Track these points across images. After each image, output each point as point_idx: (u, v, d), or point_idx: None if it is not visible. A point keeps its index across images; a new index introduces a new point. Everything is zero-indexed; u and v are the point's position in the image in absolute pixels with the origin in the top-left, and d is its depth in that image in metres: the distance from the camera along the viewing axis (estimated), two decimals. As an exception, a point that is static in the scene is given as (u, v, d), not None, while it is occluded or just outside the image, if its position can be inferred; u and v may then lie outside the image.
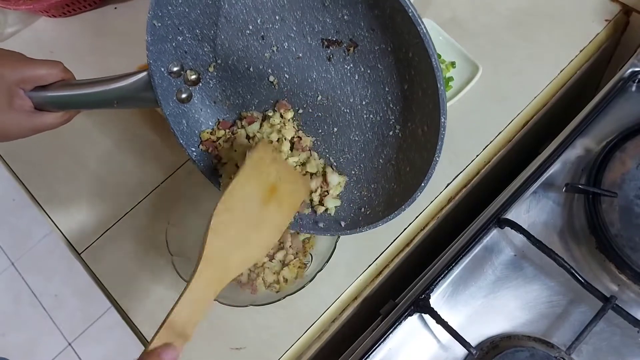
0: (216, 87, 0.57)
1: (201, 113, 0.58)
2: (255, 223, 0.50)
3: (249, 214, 0.50)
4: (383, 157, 0.54)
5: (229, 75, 0.56)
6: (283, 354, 0.62)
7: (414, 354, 0.58)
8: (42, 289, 1.68)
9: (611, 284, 0.58)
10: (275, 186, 0.52)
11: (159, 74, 0.52)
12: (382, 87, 0.50)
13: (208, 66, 0.55)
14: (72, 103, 0.54)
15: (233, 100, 0.58)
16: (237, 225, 0.49)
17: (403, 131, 0.51)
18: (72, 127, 0.79)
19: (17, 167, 0.78)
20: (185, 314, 0.44)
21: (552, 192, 0.63)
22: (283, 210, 0.53)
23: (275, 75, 0.55)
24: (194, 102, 0.57)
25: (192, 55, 0.54)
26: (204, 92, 0.57)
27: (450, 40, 0.74)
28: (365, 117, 0.53)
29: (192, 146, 0.57)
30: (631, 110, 0.65)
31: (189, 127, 0.57)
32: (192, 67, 0.55)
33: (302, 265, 0.63)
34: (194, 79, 0.55)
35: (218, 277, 0.47)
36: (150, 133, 0.76)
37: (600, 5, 0.74)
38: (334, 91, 0.53)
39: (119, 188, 0.74)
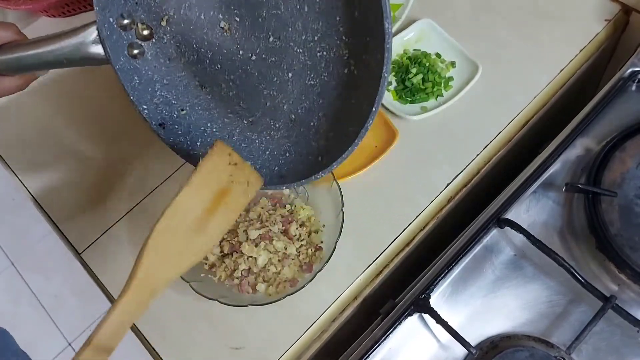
0: (170, 42, 0.55)
1: (155, 70, 0.55)
2: (196, 229, 0.47)
3: (190, 224, 0.47)
4: (341, 100, 0.52)
5: (182, 29, 0.54)
6: (283, 353, 0.62)
7: (414, 354, 0.58)
8: (42, 289, 1.68)
9: (611, 283, 0.58)
10: (226, 190, 0.49)
11: (108, 25, 0.49)
12: (333, 17, 0.48)
13: (161, 20, 0.54)
14: (24, 64, 0.53)
15: (188, 56, 0.56)
16: (176, 240, 0.46)
17: (358, 66, 0.49)
18: (72, 127, 0.79)
19: (17, 167, 0.78)
20: (110, 331, 0.42)
21: (552, 191, 0.63)
22: (229, 212, 0.50)
23: (226, 20, 0.53)
24: (147, 58, 0.55)
25: (143, 8, 0.52)
26: (158, 49, 0.55)
27: (450, 40, 0.74)
28: (319, 56, 0.51)
29: (143, 104, 0.55)
30: (631, 109, 0.65)
31: (142, 84, 0.54)
32: (144, 20, 0.53)
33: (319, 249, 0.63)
34: (146, 34, 0.53)
35: (149, 294, 0.45)
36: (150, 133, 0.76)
37: (600, 5, 0.74)
38: (285, 29, 0.51)
39: (119, 188, 0.74)
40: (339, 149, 0.51)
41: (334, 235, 0.61)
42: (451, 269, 0.60)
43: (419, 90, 0.72)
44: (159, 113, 0.56)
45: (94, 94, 0.81)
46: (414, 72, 0.72)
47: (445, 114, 0.70)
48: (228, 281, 0.63)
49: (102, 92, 0.80)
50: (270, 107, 0.56)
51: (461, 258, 0.60)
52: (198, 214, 0.47)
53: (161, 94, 0.56)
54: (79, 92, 0.81)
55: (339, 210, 0.62)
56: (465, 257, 0.60)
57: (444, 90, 0.72)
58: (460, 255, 0.60)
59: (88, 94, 0.81)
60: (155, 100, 0.55)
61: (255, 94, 0.56)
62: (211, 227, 0.48)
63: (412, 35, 0.76)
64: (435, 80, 0.72)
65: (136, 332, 0.65)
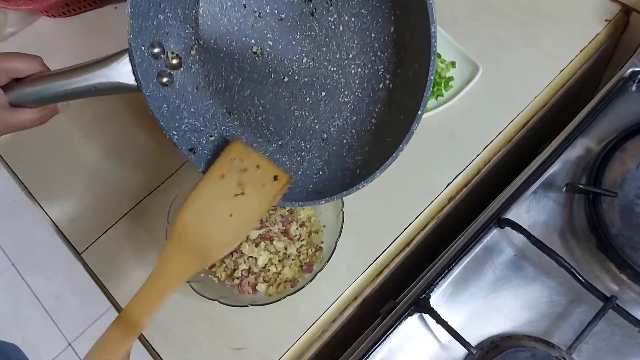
0: (198, 72, 0.55)
1: (182, 99, 0.56)
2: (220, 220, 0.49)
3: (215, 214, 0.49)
4: (375, 115, 0.52)
5: (211, 57, 0.55)
6: (283, 354, 0.62)
7: (414, 354, 0.58)
8: (43, 289, 1.68)
9: (611, 283, 0.58)
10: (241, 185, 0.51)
11: (139, 52, 0.50)
12: (368, 34, 0.48)
13: (190, 49, 0.54)
14: (48, 96, 0.52)
15: (216, 85, 0.56)
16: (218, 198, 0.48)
17: (393, 80, 0.49)
18: (72, 128, 0.79)
19: (17, 168, 0.78)
20: (146, 299, 0.45)
21: (552, 192, 0.63)
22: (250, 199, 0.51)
23: (259, 44, 0.53)
24: (175, 87, 0.55)
25: (174, 38, 0.52)
26: (186, 78, 0.55)
27: (450, 40, 0.74)
28: (353, 73, 0.51)
29: (172, 130, 0.55)
30: (631, 110, 0.65)
31: (170, 112, 0.55)
32: (173, 50, 0.53)
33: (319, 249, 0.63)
34: (175, 63, 0.53)
35: (189, 262, 0.46)
36: (150, 133, 0.76)
37: (600, 5, 0.74)
38: (319, 49, 0.51)
39: (119, 188, 0.74)
40: (379, 160, 0.51)
41: (334, 235, 0.61)
42: (451, 269, 0.60)
43: (419, 90, 0.72)
44: (187, 139, 0.56)
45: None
46: (414, 72, 0.72)
47: (445, 114, 0.70)
48: (228, 281, 0.63)
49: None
50: (300, 128, 0.56)
51: (461, 258, 0.60)
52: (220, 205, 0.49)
53: (189, 121, 0.56)
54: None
55: (339, 210, 0.62)
56: (465, 257, 0.60)
57: (444, 90, 0.72)
58: (461, 255, 0.60)
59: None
60: (184, 127, 0.56)
61: (285, 116, 0.56)
62: (237, 214, 0.49)
63: (412, 36, 0.76)
64: (435, 80, 0.72)
65: (136, 333, 0.65)
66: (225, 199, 0.49)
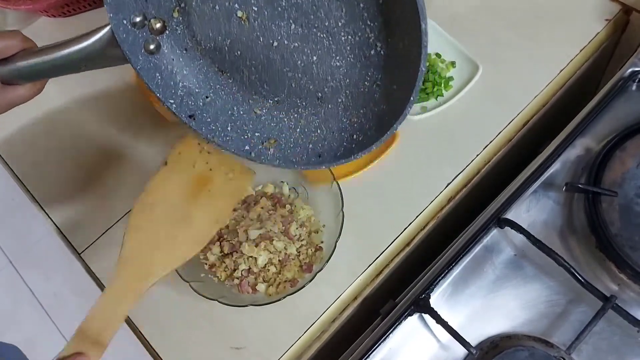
0: (184, 33, 0.56)
1: (174, 63, 0.56)
2: (182, 218, 0.48)
3: (173, 210, 0.48)
4: (368, 79, 0.52)
5: (195, 19, 0.55)
6: (283, 354, 0.62)
7: (414, 354, 0.58)
8: (42, 289, 1.68)
9: (611, 283, 0.58)
10: (205, 177, 0.50)
11: (122, 28, 0.50)
12: (357, 4, 0.48)
13: (172, 11, 0.54)
14: (38, 72, 0.52)
15: (205, 45, 0.56)
16: (159, 223, 0.47)
17: (385, 48, 0.50)
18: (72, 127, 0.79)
19: (17, 167, 0.78)
20: (100, 320, 0.42)
21: (552, 191, 0.63)
22: (218, 202, 0.50)
23: (243, 9, 0.53)
24: (164, 52, 0.56)
25: (153, 3, 0.53)
26: (173, 40, 0.56)
27: (450, 40, 0.74)
28: (344, 40, 0.51)
29: (169, 98, 0.55)
30: (631, 109, 0.65)
31: (164, 79, 0.55)
32: (155, 15, 0.53)
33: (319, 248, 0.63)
34: (159, 27, 0.54)
35: (139, 279, 0.44)
36: (150, 132, 0.76)
37: (600, 5, 0.74)
38: (306, 17, 0.51)
39: (119, 188, 0.74)
40: (374, 128, 0.52)
41: (334, 235, 0.61)
42: (451, 269, 0.59)
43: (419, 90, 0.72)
44: (185, 105, 0.56)
45: (94, 95, 0.81)
46: (414, 72, 0.72)
47: (445, 114, 0.70)
48: (228, 281, 0.63)
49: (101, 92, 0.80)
50: (295, 88, 0.56)
51: (461, 258, 0.60)
52: (178, 201, 0.48)
53: (183, 84, 0.56)
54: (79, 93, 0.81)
55: (339, 210, 0.62)
56: (465, 257, 0.60)
57: (444, 90, 0.72)
58: (460, 255, 0.60)
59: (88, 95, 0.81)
60: (179, 92, 0.56)
61: (279, 77, 0.56)
62: (198, 216, 0.48)
63: (412, 35, 0.76)
64: (435, 80, 0.72)
65: (136, 332, 0.65)
66: (178, 204, 0.48)
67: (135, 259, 0.44)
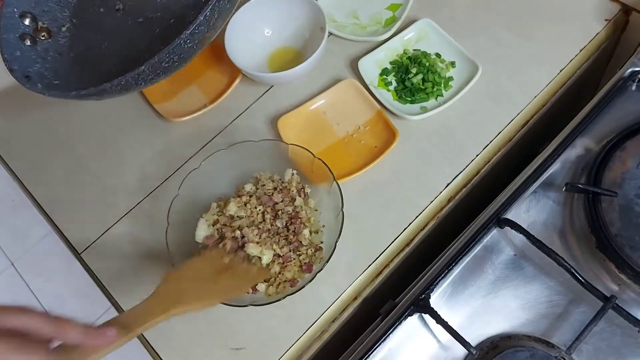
0: (66, 44, 0.66)
1: (40, 59, 0.66)
2: (208, 279, 0.57)
3: (201, 276, 0.57)
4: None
5: (82, 30, 0.66)
6: (283, 354, 0.61)
7: (414, 354, 0.58)
8: (42, 289, 1.68)
9: (611, 283, 0.58)
10: (228, 267, 0.59)
11: (10, 12, 0.61)
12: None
13: (62, 26, 0.65)
14: None
15: (77, 50, 0.67)
16: (186, 281, 0.55)
17: None
18: (72, 127, 0.79)
19: (17, 167, 0.78)
20: (135, 315, 0.49)
21: (552, 191, 0.63)
22: (238, 280, 0.59)
23: (122, 1, 0.67)
24: (37, 49, 0.65)
25: (49, 16, 0.64)
26: (51, 46, 0.66)
27: (450, 39, 0.74)
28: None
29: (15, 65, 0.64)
30: (631, 109, 0.65)
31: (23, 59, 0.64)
32: (46, 25, 0.64)
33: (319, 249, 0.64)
34: (43, 36, 0.64)
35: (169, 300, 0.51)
36: (150, 133, 0.76)
37: (600, 5, 0.74)
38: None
39: (119, 188, 0.74)
40: None
41: (334, 235, 0.61)
42: (451, 269, 0.59)
43: (419, 90, 0.72)
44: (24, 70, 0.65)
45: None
46: (414, 72, 0.72)
47: (445, 114, 0.70)
48: (228, 281, 0.63)
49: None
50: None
51: (461, 258, 0.60)
52: (205, 274, 0.57)
53: (39, 71, 0.66)
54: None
55: (339, 211, 0.62)
56: (465, 257, 0.60)
57: (444, 90, 0.72)
58: (460, 255, 0.60)
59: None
60: (29, 69, 0.65)
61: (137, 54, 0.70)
62: (221, 282, 0.57)
63: (412, 35, 0.76)
64: (435, 80, 0.72)
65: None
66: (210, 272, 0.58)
67: (165, 293, 0.52)
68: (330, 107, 0.73)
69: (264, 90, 0.77)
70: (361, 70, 0.74)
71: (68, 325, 0.44)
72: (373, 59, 0.75)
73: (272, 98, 0.76)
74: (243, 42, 0.75)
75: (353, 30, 0.79)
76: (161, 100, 0.77)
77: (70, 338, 0.44)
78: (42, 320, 0.43)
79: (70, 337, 0.44)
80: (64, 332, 0.44)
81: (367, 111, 0.72)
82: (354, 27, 0.79)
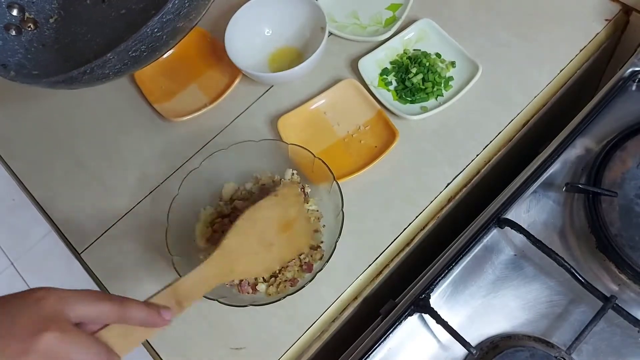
0: (51, 35, 0.65)
1: (22, 52, 0.66)
2: (267, 244, 0.56)
3: (265, 233, 0.56)
4: None
5: (68, 22, 0.66)
6: (283, 354, 0.61)
7: (414, 354, 0.58)
8: (42, 289, 1.68)
9: (611, 283, 0.58)
10: (290, 223, 0.59)
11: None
12: None
13: (50, 18, 0.65)
14: None
15: (62, 41, 0.67)
16: (253, 237, 0.55)
17: None
18: (72, 127, 0.79)
19: (16, 167, 0.78)
20: (189, 286, 0.47)
21: (552, 191, 0.63)
22: (290, 246, 0.59)
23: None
24: (22, 39, 0.65)
25: (37, 7, 0.64)
26: (36, 37, 0.66)
27: (450, 39, 0.74)
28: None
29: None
30: (631, 109, 0.65)
31: (3, 51, 0.64)
32: (33, 16, 0.64)
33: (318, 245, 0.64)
34: (29, 27, 0.64)
35: (223, 270, 0.51)
36: (150, 133, 0.76)
37: (600, 5, 0.74)
38: None
39: (119, 188, 0.74)
40: None
41: (334, 235, 0.61)
42: (451, 269, 0.59)
43: (419, 90, 0.72)
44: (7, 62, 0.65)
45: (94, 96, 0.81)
46: (414, 72, 0.72)
47: (445, 114, 0.70)
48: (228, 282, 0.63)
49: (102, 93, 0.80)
50: None
51: (461, 258, 0.60)
52: (271, 228, 0.57)
53: (20, 61, 0.65)
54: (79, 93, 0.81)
55: (339, 211, 0.62)
56: (465, 257, 0.60)
57: (444, 90, 0.72)
58: (460, 255, 0.60)
59: (88, 95, 0.81)
60: (12, 60, 0.65)
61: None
62: (277, 247, 0.57)
63: (412, 35, 0.76)
64: (435, 80, 0.72)
65: (136, 332, 0.65)
66: (271, 230, 0.57)
67: (228, 255, 0.52)
68: (331, 107, 0.73)
69: (264, 90, 0.77)
70: (361, 70, 0.74)
71: (133, 308, 0.42)
72: (373, 58, 0.75)
73: (272, 98, 0.76)
74: (243, 42, 0.75)
75: (353, 30, 0.79)
76: (161, 100, 0.77)
77: (134, 321, 0.42)
78: (109, 307, 0.41)
79: (133, 320, 0.42)
80: (130, 317, 0.42)
81: (367, 111, 0.72)
82: (354, 27, 0.79)
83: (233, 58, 0.72)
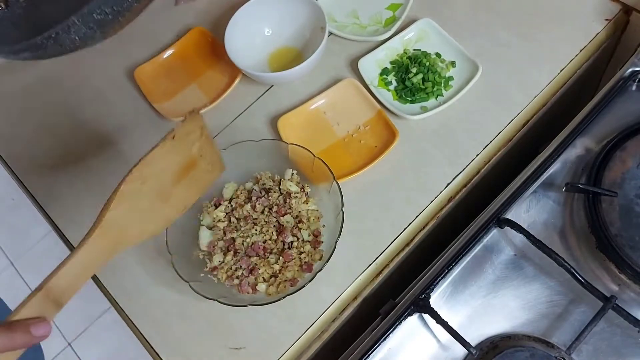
0: (22, 13, 0.60)
1: None
2: (164, 196, 0.48)
3: (160, 187, 0.47)
4: None
5: (38, 2, 0.60)
6: (283, 354, 0.61)
7: (414, 354, 0.58)
8: (42, 289, 1.68)
9: (611, 283, 0.58)
10: (194, 162, 0.50)
11: None
12: None
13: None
14: None
15: (31, 21, 0.60)
16: (145, 196, 0.46)
17: None
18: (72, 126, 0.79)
19: (16, 167, 0.78)
20: (67, 280, 0.40)
21: (552, 191, 0.63)
22: (193, 190, 0.51)
23: None
24: None
25: None
26: (6, 16, 0.60)
27: (450, 39, 0.74)
28: None
29: None
30: (631, 109, 0.65)
31: None
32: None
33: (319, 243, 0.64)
34: (1, 6, 0.59)
35: (111, 247, 0.44)
36: (150, 132, 0.76)
37: (600, 5, 0.74)
38: None
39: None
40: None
41: (334, 235, 0.61)
42: (451, 269, 0.59)
43: (419, 90, 0.72)
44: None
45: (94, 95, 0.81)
46: (414, 71, 0.72)
47: (445, 114, 0.70)
48: (228, 281, 0.63)
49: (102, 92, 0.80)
50: None
51: (461, 258, 0.60)
52: (167, 179, 0.48)
53: None
54: (79, 93, 0.81)
55: (339, 210, 0.62)
56: (465, 257, 0.60)
57: (444, 90, 0.72)
58: (460, 255, 0.60)
59: (88, 95, 0.81)
60: None
61: None
62: (175, 197, 0.48)
63: (412, 35, 0.76)
64: (435, 80, 0.71)
65: (136, 332, 0.65)
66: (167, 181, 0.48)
67: (114, 224, 0.43)
68: (331, 107, 0.73)
69: (264, 90, 0.77)
70: (361, 70, 0.74)
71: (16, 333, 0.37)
72: (373, 58, 0.75)
73: (272, 98, 0.76)
74: (243, 41, 0.75)
75: (353, 30, 0.79)
76: (161, 100, 0.77)
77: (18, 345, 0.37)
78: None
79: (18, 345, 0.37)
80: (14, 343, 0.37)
81: (367, 111, 0.72)
82: (354, 26, 0.79)
83: (233, 58, 0.72)
